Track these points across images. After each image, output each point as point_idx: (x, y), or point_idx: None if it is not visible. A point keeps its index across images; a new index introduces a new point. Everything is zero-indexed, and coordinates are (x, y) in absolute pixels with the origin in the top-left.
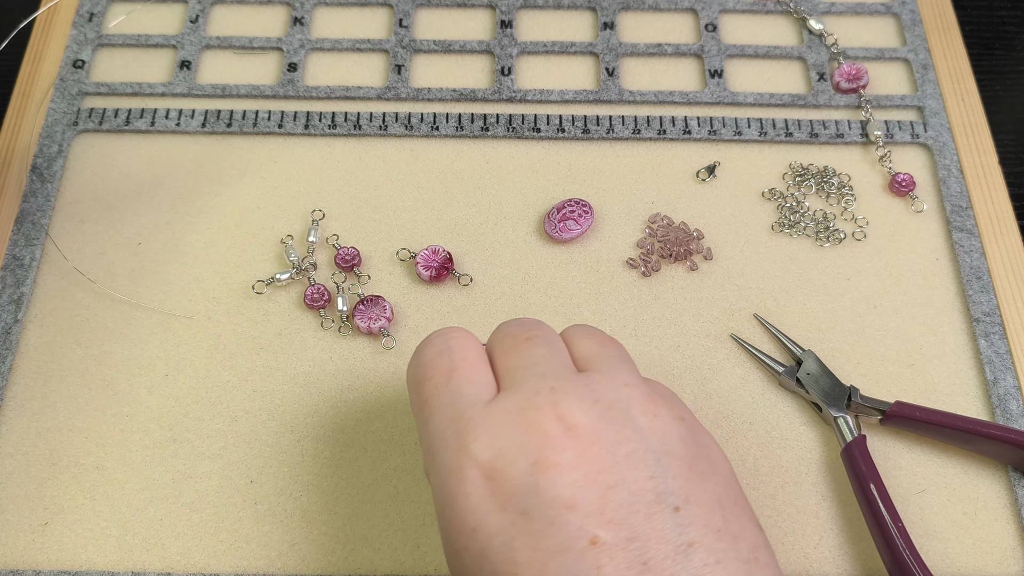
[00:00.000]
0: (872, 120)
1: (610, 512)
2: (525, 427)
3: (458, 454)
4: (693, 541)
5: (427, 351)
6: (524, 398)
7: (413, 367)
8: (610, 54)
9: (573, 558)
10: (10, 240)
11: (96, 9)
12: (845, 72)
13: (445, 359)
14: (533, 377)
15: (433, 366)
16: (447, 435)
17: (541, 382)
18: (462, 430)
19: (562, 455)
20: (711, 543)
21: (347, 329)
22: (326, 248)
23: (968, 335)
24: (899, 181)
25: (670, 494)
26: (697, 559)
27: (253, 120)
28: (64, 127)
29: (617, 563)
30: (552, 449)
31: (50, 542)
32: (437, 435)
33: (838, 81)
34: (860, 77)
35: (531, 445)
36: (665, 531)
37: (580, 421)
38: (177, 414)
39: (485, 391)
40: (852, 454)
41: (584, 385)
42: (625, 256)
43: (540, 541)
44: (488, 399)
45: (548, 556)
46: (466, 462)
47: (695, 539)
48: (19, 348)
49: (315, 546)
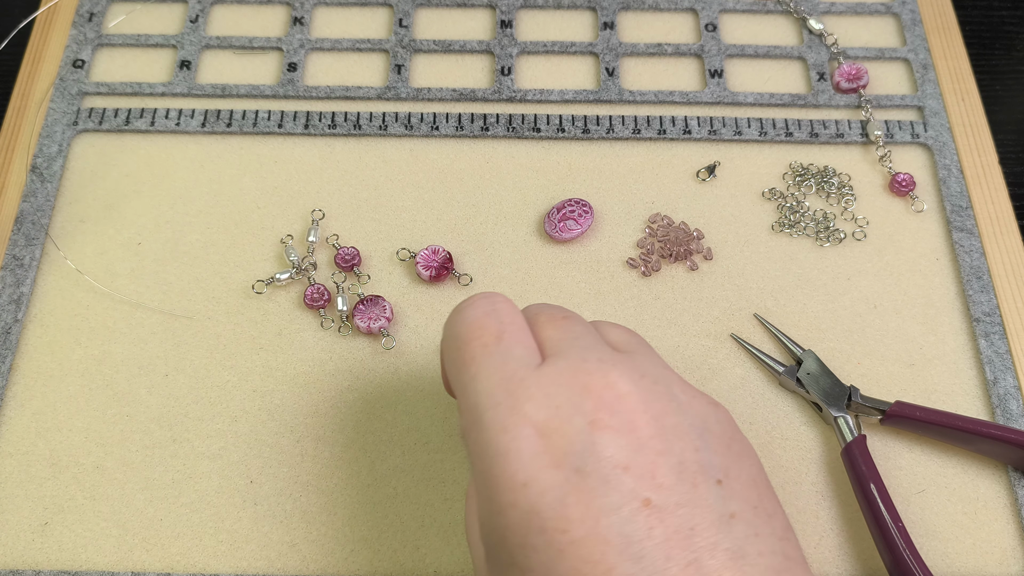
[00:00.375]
0: (872, 120)
1: (661, 477)
2: (580, 389)
3: (511, 412)
4: (734, 513)
5: (472, 311)
6: (575, 364)
7: (456, 325)
8: (610, 54)
9: (626, 517)
10: (10, 240)
11: (96, 9)
12: (845, 72)
13: (493, 320)
14: (578, 348)
15: (481, 326)
16: (497, 393)
17: (588, 352)
18: (514, 389)
19: (616, 418)
20: (750, 517)
21: (347, 329)
22: (326, 248)
23: (968, 335)
24: (899, 181)
25: (712, 467)
26: (738, 530)
27: (253, 120)
28: (64, 127)
29: (667, 526)
30: (607, 411)
31: (50, 542)
32: (485, 393)
33: (838, 81)
34: (860, 77)
35: (587, 406)
36: (710, 500)
37: (629, 390)
38: (177, 414)
39: (534, 355)
40: (852, 454)
41: (627, 360)
42: (625, 256)
43: (594, 499)
44: (537, 363)
45: (601, 514)
46: (519, 419)
47: (736, 511)
48: (19, 348)
49: (315, 546)
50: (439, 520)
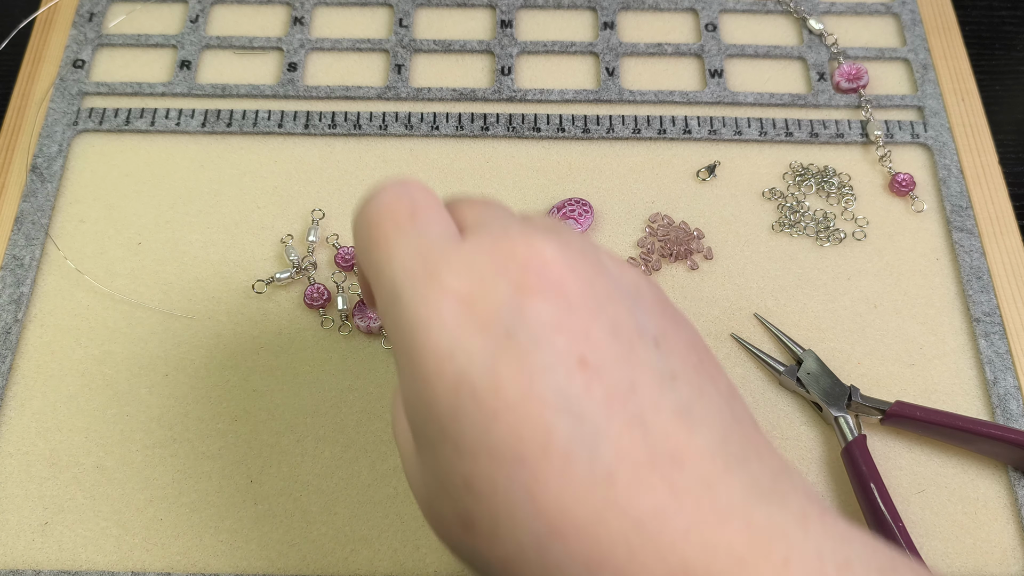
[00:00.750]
0: (872, 120)
1: (595, 337)
2: (503, 256)
3: (430, 283)
4: (676, 373)
5: (383, 195)
6: (497, 234)
7: (366, 209)
8: (610, 54)
9: (561, 376)
10: (10, 240)
11: (96, 9)
12: (845, 72)
13: (406, 200)
14: (500, 221)
15: (393, 206)
16: (415, 268)
17: (510, 225)
18: (433, 262)
19: (543, 283)
20: (692, 377)
21: (347, 329)
22: (326, 248)
23: (968, 335)
24: (899, 181)
25: (648, 330)
26: (682, 390)
27: (253, 120)
28: (64, 127)
29: (606, 385)
30: (533, 276)
31: (50, 542)
32: (402, 269)
33: (838, 81)
34: (860, 77)
35: (511, 271)
36: (649, 360)
37: (555, 257)
38: (177, 414)
39: (452, 233)
40: (852, 454)
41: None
42: (625, 255)
43: (526, 360)
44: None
45: (534, 374)
46: (440, 290)
47: (677, 372)
48: (19, 348)
49: (315, 546)
50: None
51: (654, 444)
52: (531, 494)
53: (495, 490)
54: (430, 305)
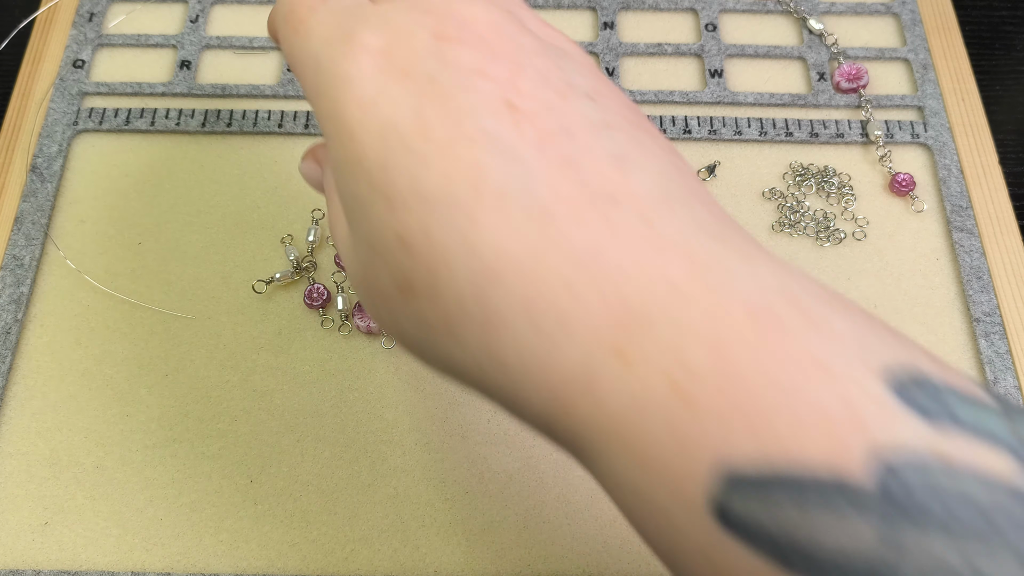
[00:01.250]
0: (872, 120)
1: (523, 86)
2: (420, 11)
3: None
4: (611, 124)
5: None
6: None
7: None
8: (610, 54)
9: (489, 117)
10: (10, 240)
11: (96, 9)
12: (845, 72)
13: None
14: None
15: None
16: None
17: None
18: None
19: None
20: (630, 130)
21: (347, 329)
22: (326, 248)
23: (968, 335)
24: (899, 181)
25: (580, 85)
26: (619, 138)
27: (253, 120)
28: (64, 127)
29: (537, 127)
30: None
31: (50, 542)
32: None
33: (838, 81)
34: (860, 77)
35: (429, 22)
36: (582, 109)
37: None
38: (177, 414)
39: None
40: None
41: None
42: None
43: (452, 102)
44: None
45: (462, 115)
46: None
47: (613, 123)
48: (19, 348)
49: (315, 546)
50: (439, 520)
51: (589, 183)
52: (466, 238)
53: (430, 240)
54: (348, 60)
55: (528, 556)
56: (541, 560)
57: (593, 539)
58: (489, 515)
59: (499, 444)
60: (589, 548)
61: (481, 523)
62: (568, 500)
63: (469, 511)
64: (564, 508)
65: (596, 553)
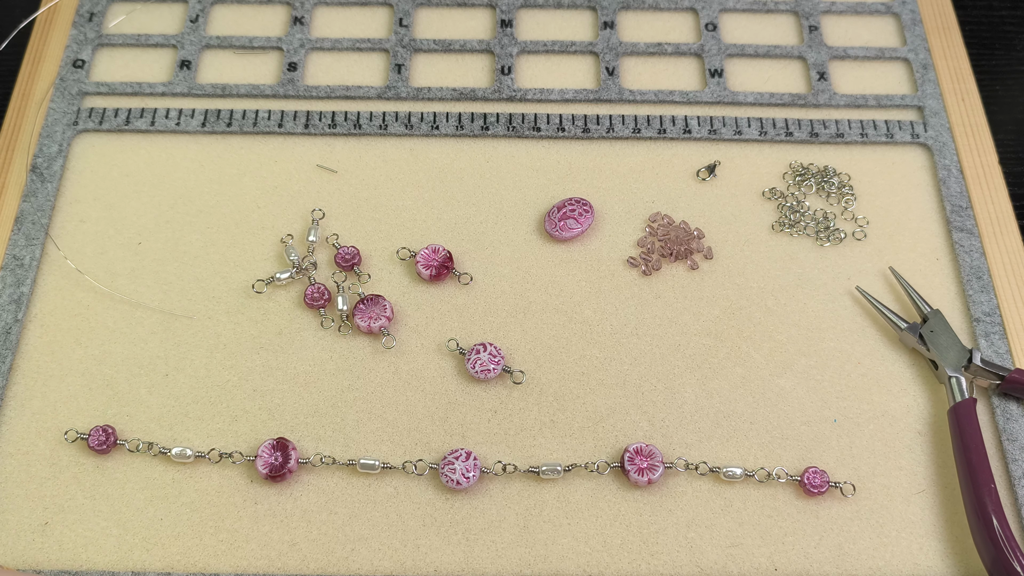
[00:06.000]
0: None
1: None
2: None
3: None
4: None
5: None
6: None
7: None
8: (610, 53)
9: None
10: (10, 240)
11: (96, 9)
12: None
13: None
14: None
15: None
16: None
17: None
18: None
19: None
20: None
21: (347, 328)
22: (326, 247)
23: (968, 335)
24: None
25: None
26: None
27: (253, 120)
28: (64, 127)
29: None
30: None
31: (50, 542)
32: None
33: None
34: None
35: None
36: None
37: None
38: (177, 414)
39: None
40: (959, 413)
41: None
42: (626, 255)
43: None
44: None
45: None
46: None
47: None
48: (19, 348)
49: (315, 546)
50: (439, 520)
51: None
52: None
53: None
54: None
55: (528, 556)
56: (541, 560)
57: (593, 539)
58: (489, 515)
59: (499, 444)
60: (589, 548)
61: (481, 523)
62: (568, 500)
63: (469, 511)
64: (564, 508)
65: (596, 553)
